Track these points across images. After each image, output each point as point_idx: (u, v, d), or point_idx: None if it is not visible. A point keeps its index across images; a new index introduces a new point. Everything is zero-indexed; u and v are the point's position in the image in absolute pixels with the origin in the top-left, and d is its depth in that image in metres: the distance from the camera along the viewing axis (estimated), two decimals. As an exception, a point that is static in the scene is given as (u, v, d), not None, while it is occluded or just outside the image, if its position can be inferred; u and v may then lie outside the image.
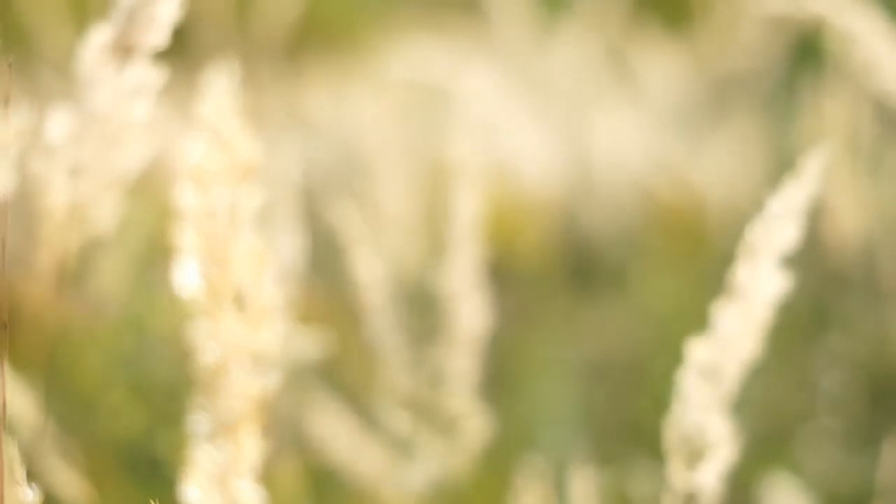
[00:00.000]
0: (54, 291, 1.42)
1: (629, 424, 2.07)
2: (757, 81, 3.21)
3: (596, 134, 3.14)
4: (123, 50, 0.86)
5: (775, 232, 0.75)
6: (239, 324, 0.77)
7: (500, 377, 2.71)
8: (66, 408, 1.54)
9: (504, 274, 2.80)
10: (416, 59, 2.00)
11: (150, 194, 1.42)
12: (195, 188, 0.79)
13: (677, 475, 1.14)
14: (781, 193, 0.74)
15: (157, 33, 0.90)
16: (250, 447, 0.74)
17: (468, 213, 0.95)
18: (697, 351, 0.99)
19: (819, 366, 2.28)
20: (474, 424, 0.95)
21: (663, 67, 2.55)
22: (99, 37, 0.91)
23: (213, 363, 0.75)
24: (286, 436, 1.70)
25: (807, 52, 3.97)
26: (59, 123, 1.04)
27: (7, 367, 1.27)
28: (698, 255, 2.38)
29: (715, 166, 2.77)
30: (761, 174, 2.65)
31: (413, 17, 4.49)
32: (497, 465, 1.95)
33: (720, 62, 2.76)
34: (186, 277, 0.77)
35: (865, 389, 2.20)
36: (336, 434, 1.36)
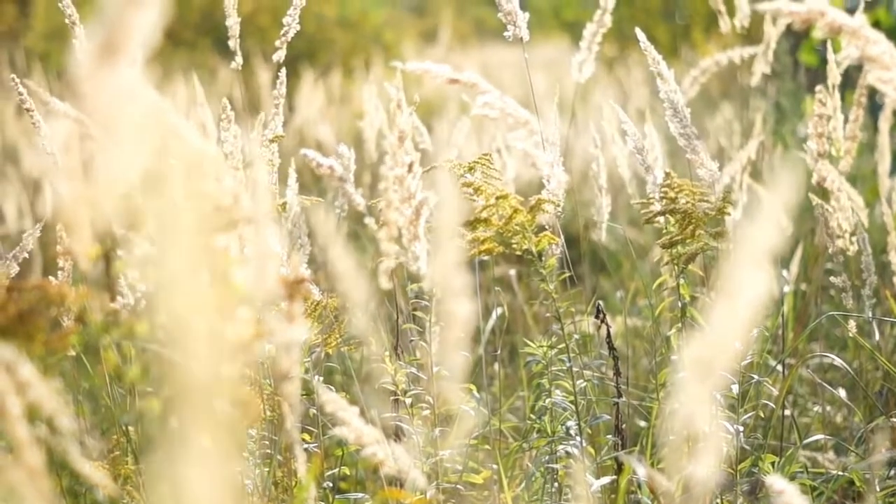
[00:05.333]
0: (71, 286, 1.46)
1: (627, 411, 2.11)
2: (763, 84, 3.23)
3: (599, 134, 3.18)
4: (109, 54, 0.88)
5: (756, 233, 0.78)
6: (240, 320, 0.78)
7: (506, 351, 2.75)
8: (87, 393, 1.58)
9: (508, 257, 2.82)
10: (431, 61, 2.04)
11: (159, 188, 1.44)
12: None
13: (673, 464, 1.18)
14: (762, 197, 0.78)
15: (141, 37, 0.91)
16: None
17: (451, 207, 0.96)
18: (688, 347, 1.03)
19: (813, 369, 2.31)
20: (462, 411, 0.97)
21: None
22: (87, 42, 0.91)
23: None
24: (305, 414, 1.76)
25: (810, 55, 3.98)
26: (56, 128, 1.04)
27: (31, 356, 1.31)
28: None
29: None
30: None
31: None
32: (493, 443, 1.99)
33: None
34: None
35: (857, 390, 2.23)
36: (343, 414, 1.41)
